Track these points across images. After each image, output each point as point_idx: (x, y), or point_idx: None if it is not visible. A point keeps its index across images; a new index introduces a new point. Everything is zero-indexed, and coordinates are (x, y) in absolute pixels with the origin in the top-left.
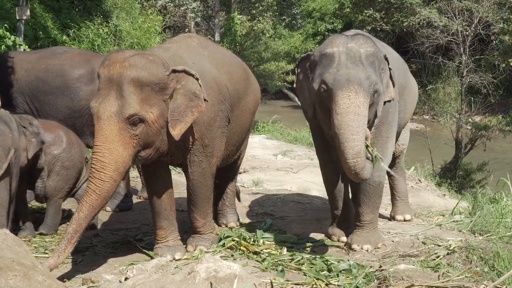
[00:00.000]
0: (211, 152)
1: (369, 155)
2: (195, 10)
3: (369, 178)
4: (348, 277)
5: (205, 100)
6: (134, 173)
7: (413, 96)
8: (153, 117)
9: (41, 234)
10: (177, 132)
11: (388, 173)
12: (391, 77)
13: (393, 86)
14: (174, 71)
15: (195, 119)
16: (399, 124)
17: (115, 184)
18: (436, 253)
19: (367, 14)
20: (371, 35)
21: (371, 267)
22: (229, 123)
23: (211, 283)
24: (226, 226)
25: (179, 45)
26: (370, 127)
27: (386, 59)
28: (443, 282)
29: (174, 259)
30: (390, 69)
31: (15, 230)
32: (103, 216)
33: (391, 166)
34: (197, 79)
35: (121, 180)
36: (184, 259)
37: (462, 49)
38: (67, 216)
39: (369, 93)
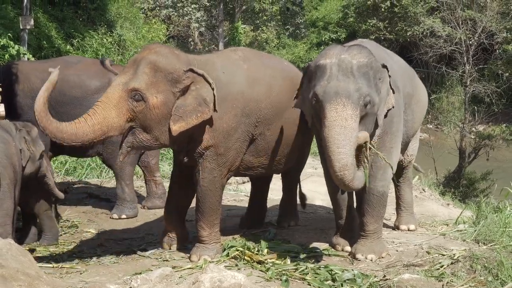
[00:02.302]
0: (224, 163)
1: (365, 162)
2: (199, 20)
3: (373, 188)
4: (352, 286)
5: (215, 110)
6: (138, 183)
7: (421, 105)
8: (156, 102)
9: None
10: (176, 128)
11: (394, 182)
12: (390, 85)
13: (393, 93)
14: (192, 70)
15: (197, 123)
16: (408, 133)
17: (92, 135)
18: (440, 263)
19: (371, 24)
20: (378, 44)
21: (375, 276)
22: (252, 139)
23: None
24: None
25: (218, 54)
26: (372, 137)
27: (385, 67)
28: None
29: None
30: (389, 76)
31: (19, 239)
32: (108, 225)
33: (398, 176)
34: (212, 88)
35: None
36: (188, 268)
37: (465, 58)
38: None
39: (358, 105)
